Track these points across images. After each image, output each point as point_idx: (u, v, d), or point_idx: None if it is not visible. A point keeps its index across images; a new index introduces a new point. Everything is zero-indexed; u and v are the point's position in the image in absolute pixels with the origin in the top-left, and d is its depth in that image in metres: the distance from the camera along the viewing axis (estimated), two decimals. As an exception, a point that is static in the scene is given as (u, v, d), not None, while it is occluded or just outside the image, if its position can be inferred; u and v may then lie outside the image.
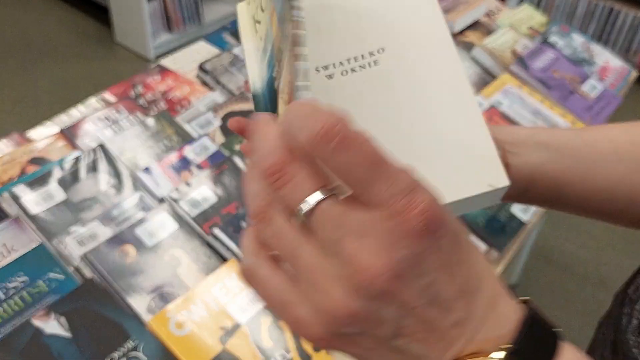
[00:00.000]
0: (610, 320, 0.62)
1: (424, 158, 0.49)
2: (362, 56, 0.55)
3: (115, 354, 0.75)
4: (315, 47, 0.56)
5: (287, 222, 0.29)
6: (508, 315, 0.30)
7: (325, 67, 0.55)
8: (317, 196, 0.28)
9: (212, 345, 0.78)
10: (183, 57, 1.39)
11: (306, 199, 0.28)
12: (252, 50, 0.52)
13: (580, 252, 2.23)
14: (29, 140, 1.08)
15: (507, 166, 0.53)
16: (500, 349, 0.29)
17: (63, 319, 0.77)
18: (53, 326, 0.76)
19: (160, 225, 0.90)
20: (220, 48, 1.44)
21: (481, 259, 0.31)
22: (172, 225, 0.91)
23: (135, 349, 0.76)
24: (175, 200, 0.95)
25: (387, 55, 0.55)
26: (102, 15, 3.25)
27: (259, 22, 0.51)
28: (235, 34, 1.47)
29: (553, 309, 2.09)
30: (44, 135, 1.09)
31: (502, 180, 0.48)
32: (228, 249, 0.90)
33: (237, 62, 1.33)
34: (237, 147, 1.09)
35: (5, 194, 0.90)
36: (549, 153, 0.55)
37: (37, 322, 0.76)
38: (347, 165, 0.27)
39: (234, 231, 0.91)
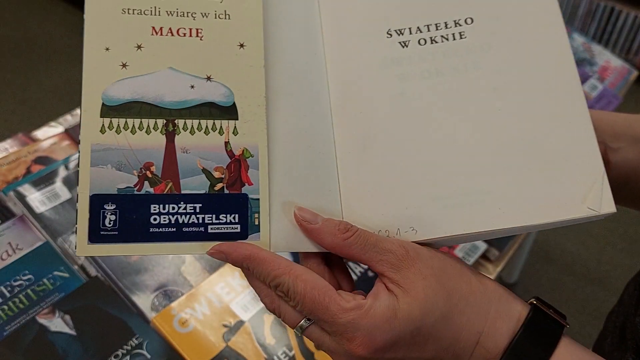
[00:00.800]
0: (621, 308, 0.62)
1: (515, 167, 0.43)
2: (446, 24, 0.46)
3: (120, 351, 0.76)
4: (388, 2, 0.48)
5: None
6: (494, 347, 0.40)
7: (400, 32, 0.47)
8: (303, 324, 0.41)
9: (215, 342, 0.79)
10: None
11: (297, 325, 0.42)
12: None
13: (580, 251, 2.23)
14: (34, 140, 1.09)
15: (607, 164, 0.51)
16: None
17: (68, 317, 0.78)
18: (58, 324, 0.77)
19: (164, 224, 0.91)
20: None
21: (455, 323, 0.40)
22: (175, 224, 0.92)
23: (139, 346, 0.77)
24: (179, 200, 0.96)
25: (476, 28, 0.46)
26: (105, 16, 3.25)
27: None
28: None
29: (555, 309, 2.09)
30: (48, 134, 1.10)
31: (607, 206, 0.41)
32: (231, 247, 0.90)
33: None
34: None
35: (11, 193, 0.91)
36: None
37: (42, 320, 0.77)
38: (297, 307, 0.41)
39: (237, 230, 0.92)
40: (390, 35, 0.46)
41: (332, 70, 0.47)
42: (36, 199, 0.92)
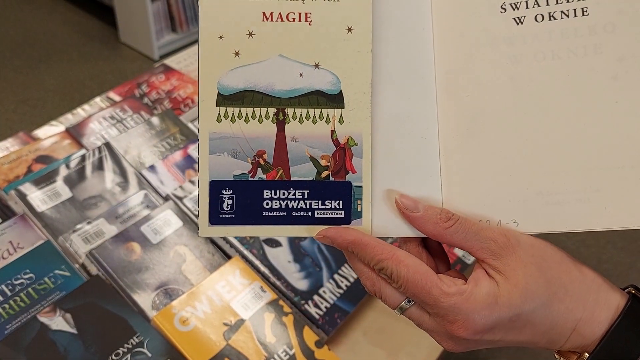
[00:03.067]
0: None
1: (628, 166, 0.41)
2: None
3: (120, 350, 0.76)
4: None
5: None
6: (591, 334, 0.41)
7: (515, 6, 0.43)
8: (404, 305, 0.44)
9: (216, 341, 0.79)
10: (187, 57, 1.40)
11: (398, 306, 0.44)
12: None
13: (580, 250, 2.23)
14: (35, 139, 1.09)
15: None
16: (584, 355, 0.42)
17: (68, 316, 0.78)
18: (59, 322, 0.77)
19: (165, 223, 0.91)
20: (223, 48, 1.45)
21: (554, 310, 0.41)
22: (176, 222, 0.92)
23: (140, 344, 0.77)
24: (180, 198, 0.96)
25: (601, 3, 0.41)
26: (107, 15, 3.26)
27: None
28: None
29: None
30: (49, 134, 1.10)
31: None
32: (232, 246, 0.91)
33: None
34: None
35: (12, 192, 0.92)
36: None
37: (43, 319, 0.77)
38: (400, 289, 0.42)
39: (238, 229, 0.92)
40: (505, 9, 0.42)
41: (440, 49, 0.44)
42: (37, 197, 0.92)
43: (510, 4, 0.42)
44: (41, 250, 0.86)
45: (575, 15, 0.41)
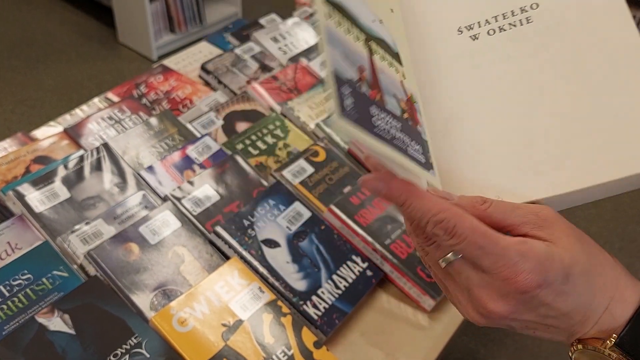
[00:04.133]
0: None
1: (592, 132, 0.46)
2: (512, 12, 0.49)
3: (119, 351, 0.76)
4: (456, 3, 0.52)
5: (436, 263, 0.44)
6: (621, 314, 0.42)
7: (470, 27, 0.50)
8: (450, 257, 0.42)
9: (215, 341, 0.79)
10: (185, 58, 1.41)
11: (444, 257, 0.42)
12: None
13: (580, 252, 2.24)
14: (33, 140, 1.09)
15: None
16: (610, 340, 0.42)
17: (67, 316, 0.78)
18: (57, 323, 0.77)
19: (163, 224, 0.91)
20: (222, 48, 1.45)
21: (594, 282, 0.42)
22: (175, 223, 0.92)
23: (138, 345, 0.77)
24: (178, 199, 0.96)
25: (541, 11, 0.48)
26: (105, 15, 3.26)
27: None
28: (236, 34, 1.48)
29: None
30: (48, 134, 1.10)
31: None
32: (230, 246, 0.91)
33: (239, 63, 1.34)
34: (239, 146, 1.10)
35: (10, 193, 0.91)
36: None
37: (41, 319, 0.77)
38: (459, 244, 0.41)
39: (236, 229, 0.92)
40: (461, 32, 0.50)
41: (414, 66, 0.50)
42: (35, 198, 0.92)
43: (465, 26, 0.50)
44: (39, 251, 0.85)
45: (522, 25, 0.49)
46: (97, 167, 0.99)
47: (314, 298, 0.88)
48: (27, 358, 0.73)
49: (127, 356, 0.76)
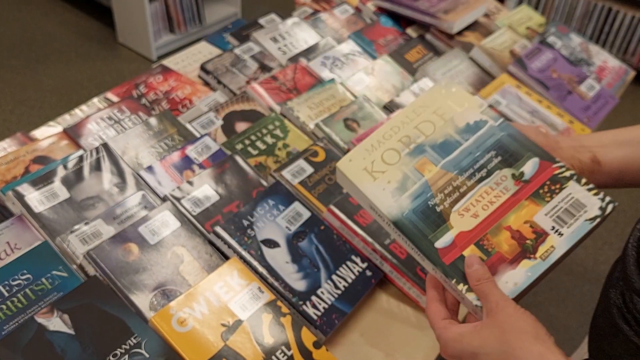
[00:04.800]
0: (619, 260, 0.72)
1: None
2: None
3: (118, 351, 0.76)
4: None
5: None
6: None
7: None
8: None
9: (214, 341, 0.79)
10: (185, 58, 1.41)
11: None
12: (374, 190, 0.66)
13: (577, 250, 2.24)
14: (32, 140, 1.09)
15: (599, 163, 0.74)
16: None
17: (66, 317, 0.78)
18: (56, 323, 0.77)
19: (163, 224, 0.91)
20: (221, 48, 1.45)
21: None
22: (174, 223, 0.92)
23: (137, 345, 0.77)
24: (178, 199, 0.96)
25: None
26: (105, 16, 3.26)
27: (379, 171, 0.67)
28: (236, 34, 1.48)
29: (550, 307, 2.10)
30: (47, 134, 1.10)
31: None
32: (230, 247, 0.91)
33: (238, 63, 1.34)
34: (238, 147, 1.10)
35: (9, 193, 0.91)
36: (631, 148, 0.74)
37: (41, 320, 0.77)
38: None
39: (236, 229, 0.92)
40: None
41: None
42: (35, 198, 0.92)
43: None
44: (39, 251, 0.85)
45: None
46: (97, 167, 0.99)
47: (314, 298, 0.88)
48: (26, 358, 0.73)
49: (126, 356, 0.76)
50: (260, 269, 0.89)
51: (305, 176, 1.05)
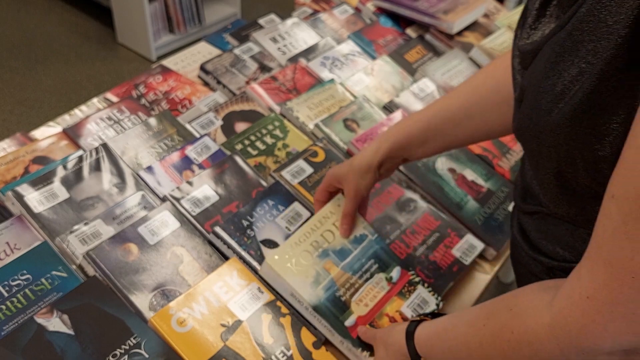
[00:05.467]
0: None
1: None
2: None
3: (118, 351, 0.76)
4: None
5: None
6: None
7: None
8: None
9: (213, 342, 0.79)
10: (184, 58, 1.41)
11: None
12: (297, 282, 0.84)
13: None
14: (32, 140, 1.09)
15: (405, 160, 0.89)
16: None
17: (66, 317, 0.78)
18: (56, 323, 0.77)
19: (162, 224, 0.91)
20: (221, 49, 1.45)
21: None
22: (174, 223, 0.92)
23: (137, 345, 0.77)
24: (177, 199, 0.96)
25: None
26: (104, 16, 3.26)
27: (299, 267, 0.86)
28: (235, 34, 1.48)
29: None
30: (47, 134, 1.10)
31: None
32: (229, 247, 0.91)
33: (238, 63, 1.34)
34: (238, 147, 1.10)
35: (9, 193, 0.91)
36: (430, 144, 0.85)
37: (40, 320, 0.77)
38: None
39: (235, 229, 0.92)
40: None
41: None
42: (34, 198, 0.92)
43: None
44: (38, 251, 0.85)
45: None
46: (96, 167, 0.99)
47: (313, 298, 0.89)
48: (25, 358, 0.73)
49: (126, 356, 0.76)
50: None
51: (304, 176, 1.05)
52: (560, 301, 0.52)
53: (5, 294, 0.80)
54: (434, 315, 0.78)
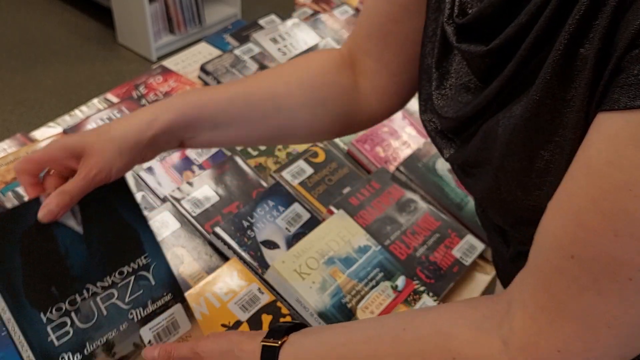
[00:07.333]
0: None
1: None
2: None
3: (125, 268, 0.67)
4: None
5: None
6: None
7: None
8: None
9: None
10: (185, 58, 1.41)
11: None
12: (303, 288, 0.85)
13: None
14: (32, 141, 1.09)
15: (184, 145, 0.69)
16: None
17: (77, 209, 0.63)
18: (66, 214, 0.62)
19: (163, 224, 0.91)
20: (221, 49, 1.45)
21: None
22: (174, 224, 0.92)
23: (146, 268, 0.69)
24: (177, 200, 0.96)
25: None
26: (104, 16, 3.26)
27: (306, 273, 0.87)
28: (235, 35, 1.48)
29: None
30: (47, 135, 1.10)
31: None
32: (229, 247, 0.91)
33: (238, 64, 1.34)
34: (238, 148, 1.10)
35: (9, 194, 0.91)
36: (223, 130, 0.68)
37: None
38: None
39: (236, 230, 0.92)
40: None
41: None
42: (34, 199, 0.91)
43: None
44: (38, 251, 0.85)
45: None
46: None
47: (313, 299, 0.89)
48: (24, 245, 0.60)
49: (132, 277, 0.67)
50: (260, 270, 0.89)
51: (305, 177, 1.05)
52: (523, 357, 0.47)
53: (6, 295, 0.80)
54: (290, 328, 0.63)
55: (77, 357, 0.63)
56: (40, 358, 0.60)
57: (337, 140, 1.15)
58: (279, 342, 0.61)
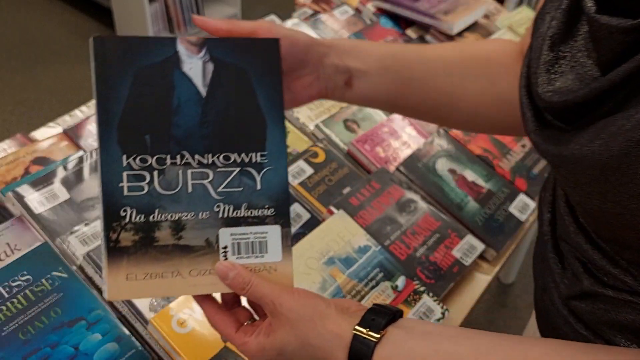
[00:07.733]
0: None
1: None
2: None
3: (235, 156, 0.58)
4: None
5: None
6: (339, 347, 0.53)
7: None
8: None
9: (214, 342, 0.79)
10: (185, 59, 1.40)
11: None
12: (304, 287, 0.71)
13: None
14: (32, 141, 1.09)
15: (350, 86, 0.67)
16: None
17: (211, 67, 0.57)
18: (195, 66, 0.56)
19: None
20: (221, 49, 1.45)
21: (303, 351, 0.55)
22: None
23: (257, 167, 0.59)
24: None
25: None
26: (104, 16, 3.26)
27: (306, 273, 0.87)
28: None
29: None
30: (47, 135, 1.10)
31: None
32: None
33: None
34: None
35: (9, 194, 0.91)
36: (391, 75, 0.68)
37: (182, 47, 0.56)
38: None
39: (235, 230, 0.92)
40: None
41: None
42: (35, 199, 0.92)
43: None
44: (38, 252, 0.85)
45: None
46: (97, 168, 0.99)
47: (313, 299, 0.89)
48: (136, 82, 0.55)
49: (237, 169, 0.58)
50: (260, 270, 0.89)
51: (305, 177, 1.05)
52: None
53: (6, 295, 0.80)
54: (389, 318, 0.54)
55: (140, 217, 0.56)
56: (105, 197, 0.55)
57: (337, 140, 1.15)
58: (378, 336, 0.51)
